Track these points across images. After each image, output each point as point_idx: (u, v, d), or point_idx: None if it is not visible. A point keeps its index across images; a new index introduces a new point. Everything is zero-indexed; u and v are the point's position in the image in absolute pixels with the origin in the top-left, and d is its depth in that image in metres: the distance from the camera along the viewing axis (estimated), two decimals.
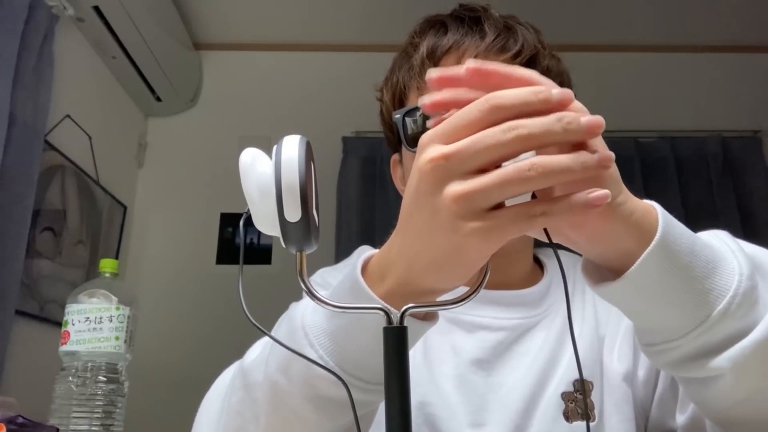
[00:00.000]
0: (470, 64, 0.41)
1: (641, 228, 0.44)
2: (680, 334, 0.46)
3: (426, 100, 0.42)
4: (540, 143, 0.38)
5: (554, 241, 0.45)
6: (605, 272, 0.47)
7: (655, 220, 0.44)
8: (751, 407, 0.49)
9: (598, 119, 0.38)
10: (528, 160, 0.38)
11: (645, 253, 0.43)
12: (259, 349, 0.56)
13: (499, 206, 0.39)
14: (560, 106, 0.39)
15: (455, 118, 0.40)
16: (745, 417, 0.50)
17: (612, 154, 0.39)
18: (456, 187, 0.39)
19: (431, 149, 0.40)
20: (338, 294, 0.48)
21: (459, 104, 0.41)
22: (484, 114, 0.39)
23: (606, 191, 0.39)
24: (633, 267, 0.43)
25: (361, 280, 0.45)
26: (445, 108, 0.42)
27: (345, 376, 0.46)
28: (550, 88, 0.39)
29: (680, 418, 0.61)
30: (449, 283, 0.44)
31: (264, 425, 0.52)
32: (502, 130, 0.38)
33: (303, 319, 0.49)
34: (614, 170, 0.43)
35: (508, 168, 0.38)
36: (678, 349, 0.47)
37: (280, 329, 0.53)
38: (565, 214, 0.39)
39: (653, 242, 0.43)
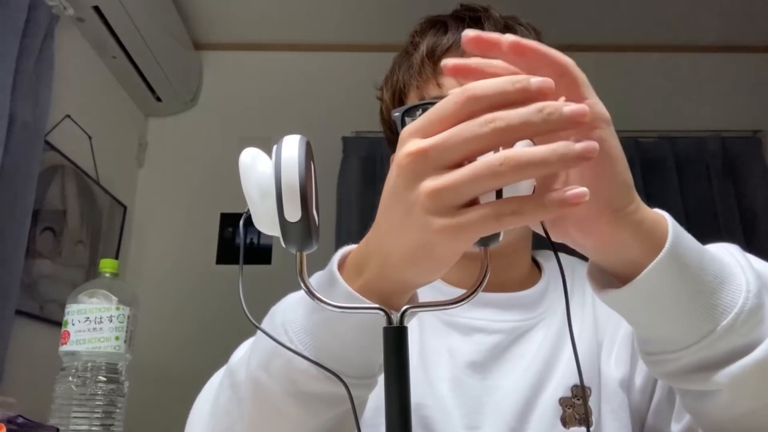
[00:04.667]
0: (510, 38, 0.40)
1: (650, 238, 0.43)
2: (681, 346, 0.46)
3: (450, 62, 0.41)
4: (519, 136, 0.37)
5: (559, 241, 0.45)
6: (611, 278, 0.47)
7: (665, 231, 0.44)
8: (746, 424, 0.49)
9: (582, 108, 0.36)
10: (500, 153, 0.36)
11: (653, 262, 0.42)
12: (244, 350, 0.57)
13: (475, 202, 0.38)
14: (540, 95, 0.37)
15: (432, 111, 0.39)
16: None
17: (596, 145, 0.36)
18: (428, 183, 0.38)
19: (410, 143, 0.39)
20: (318, 290, 0.48)
21: (482, 74, 0.40)
22: (461, 106, 0.38)
23: (584, 189, 0.36)
24: (640, 275, 0.43)
25: (338, 274, 0.45)
26: (465, 74, 0.41)
27: (324, 371, 0.46)
28: (528, 77, 0.37)
29: (675, 428, 0.61)
30: (424, 278, 0.43)
31: (248, 422, 0.52)
32: (479, 123, 0.36)
33: (284, 316, 0.49)
34: (627, 176, 0.43)
35: (478, 163, 0.36)
36: (677, 360, 0.47)
37: (263, 327, 0.53)
38: (539, 213, 0.37)
39: (662, 252, 0.42)
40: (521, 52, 0.40)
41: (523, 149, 0.36)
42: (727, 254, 0.49)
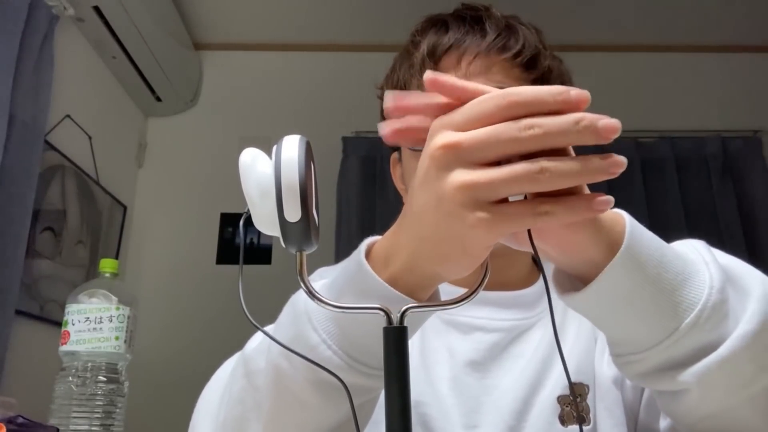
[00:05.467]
0: (428, 75, 0.41)
1: (608, 238, 0.43)
2: (647, 346, 0.46)
3: (385, 129, 0.43)
4: (554, 144, 0.38)
5: (523, 249, 0.45)
6: (576, 282, 0.47)
7: (623, 230, 0.43)
8: (718, 423, 0.48)
9: (614, 124, 0.37)
10: (538, 162, 0.37)
11: (610, 263, 0.42)
12: (260, 338, 0.56)
13: (501, 200, 0.39)
14: (576, 107, 0.38)
15: (470, 108, 0.40)
16: None
17: (623, 160, 0.38)
18: (462, 176, 0.38)
19: (443, 135, 0.40)
20: (342, 280, 0.47)
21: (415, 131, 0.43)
22: (502, 109, 0.38)
23: (610, 198, 0.39)
24: (598, 277, 0.43)
25: (366, 264, 0.44)
26: (401, 137, 0.44)
27: (348, 360, 0.46)
28: (568, 89, 0.38)
29: (663, 424, 0.61)
30: (454, 273, 0.44)
31: (266, 412, 0.52)
32: (519, 127, 0.37)
33: (307, 304, 0.48)
34: None
35: (519, 166, 0.37)
36: (645, 361, 0.47)
37: (283, 316, 0.53)
38: (569, 215, 0.38)
39: (619, 253, 0.42)
40: (439, 86, 0.41)
41: (559, 160, 0.37)
42: (692, 250, 0.49)
